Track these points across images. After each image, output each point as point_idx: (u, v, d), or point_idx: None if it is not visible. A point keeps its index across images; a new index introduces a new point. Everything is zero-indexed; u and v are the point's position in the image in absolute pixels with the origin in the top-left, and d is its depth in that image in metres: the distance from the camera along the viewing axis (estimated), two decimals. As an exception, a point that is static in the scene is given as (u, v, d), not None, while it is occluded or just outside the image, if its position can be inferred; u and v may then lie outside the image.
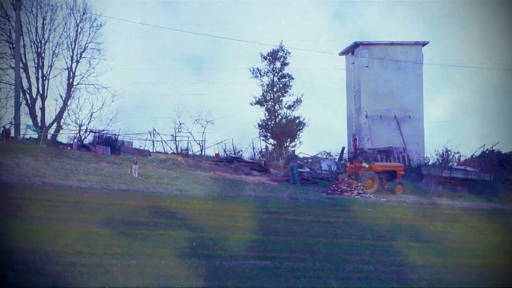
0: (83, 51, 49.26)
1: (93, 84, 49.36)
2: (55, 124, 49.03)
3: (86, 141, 47.30)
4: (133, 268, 17.99)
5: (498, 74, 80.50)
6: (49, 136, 47.26)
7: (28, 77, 48.24)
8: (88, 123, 49.01)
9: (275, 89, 57.84)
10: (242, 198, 31.44)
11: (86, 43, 49.34)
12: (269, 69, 57.89)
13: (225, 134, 67.67)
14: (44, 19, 48.56)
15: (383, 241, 25.04)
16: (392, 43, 55.07)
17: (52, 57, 48.86)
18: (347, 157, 50.47)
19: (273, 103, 57.87)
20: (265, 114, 57.89)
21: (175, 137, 51.95)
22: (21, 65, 46.82)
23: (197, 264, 19.18)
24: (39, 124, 47.77)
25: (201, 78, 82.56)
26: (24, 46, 47.90)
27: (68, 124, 49.14)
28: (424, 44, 55.27)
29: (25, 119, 47.38)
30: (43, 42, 48.54)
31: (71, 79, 49.22)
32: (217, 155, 47.51)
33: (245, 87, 77.56)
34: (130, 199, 27.92)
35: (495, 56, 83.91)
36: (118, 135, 48.56)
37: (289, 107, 57.82)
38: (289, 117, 57.67)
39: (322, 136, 74.15)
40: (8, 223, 21.09)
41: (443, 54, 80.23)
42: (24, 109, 47.57)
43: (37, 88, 48.43)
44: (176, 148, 51.14)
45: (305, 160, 47.49)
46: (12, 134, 43.60)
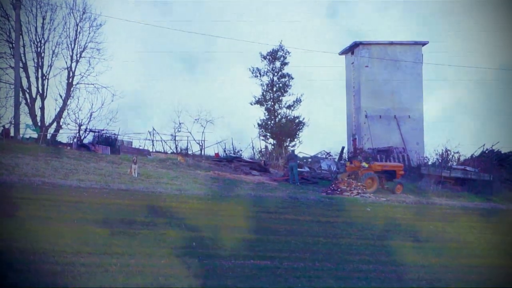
0: (83, 51, 49.24)
1: (93, 84, 49.34)
2: (55, 124, 49.00)
3: (86, 141, 47.28)
4: (133, 268, 17.96)
5: (498, 74, 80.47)
6: (49, 136, 47.22)
7: (28, 77, 48.20)
8: (88, 123, 48.98)
9: (275, 89, 57.83)
10: (242, 198, 31.43)
11: (86, 43, 49.33)
12: (269, 69, 57.90)
13: (225, 134, 67.68)
14: (44, 19, 48.54)
15: (383, 241, 25.02)
16: (392, 43, 55.06)
17: (52, 57, 48.87)
18: (347, 157, 50.46)
19: (273, 103, 57.87)
20: (265, 114, 57.92)
21: (175, 137, 51.94)
22: (21, 65, 46.78)
23: (197, 264, 19.16)
24: (39, 124, 47.73)
25: (201, 78, 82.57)
26: (24, 46, 47.87)
27: (68, 124, 49.13)
28: (424, 44, 55.26)
29: (25, 119, 47.38)
30: (43, 42, 48.53)
31: (71, 79, 49.18)
32: (217, 155, 47.49)
33: (245, 87, 77.54)
34: (130, 199, 27.91)
35: (495, 56, 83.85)
36: (118, 135, 48.57)
37: (289, 107, 57.83)
38: (289, 117, 57.67)
39: (322, 136, 74.22)
40: (8, 223, 21.07)
41: (443, 54, 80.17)
42: (24, 109, 47.58)
43: (37, 88, 48.44)
44: (176, 148, 51.12)
45: (305, 160, 47.46)
46: (12, 134, 43.56)
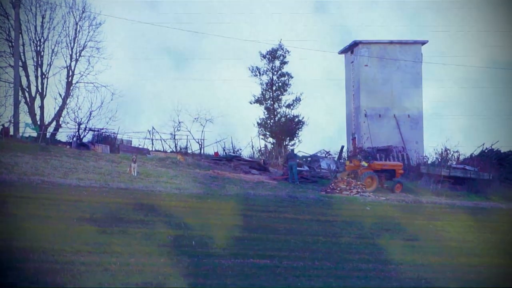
0: (82, 50, 49.16)
1: (92, 83, 49.27)
2: (54, 123, 48.94)
3: (85, 140, 47.27)
4: (132, 267, 17.97)
5: (498, 73, 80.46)
6: (48, 135, 47.19)
7: (27, 76, 48.16)
8: (87, 122, 48.88)
9: (274, 88, 57.79)
10: (241, 197, 31.44)
11: (85, 42, 49.24)
12: (268, 68, 57.84)
13: (224, 133, 67.55)
14: (43, 18, 48.47)
15: (382, 240, 25.03)
16: (392, 42, 55.02)
17: (51, 56, 48.80)
18: (346, 156, 50.46)
19: (272, 102, 57.83)
20: (264, 113, 57.86)
21: (174, 136, 51.91)
22: (20, 64, 46.74)
23: (196, 263, 19.17)
24: (38, 123, 47.70)
25: (200, 77, 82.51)
26: (23, 45, 47.82)
27: (67, 123, 49.06)
28: (424, 43, 55.22)
29: (24, 118, 47.31)
30: (42, 41, 48.45)
31: (70, 78, 49.13)
32: (216, 154, 47.49)
33: (245, 86, 77.53)
34: (129, 198, 27.90)
35: (495, 55, 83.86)
36: (117, 134, 48.55)
37: (288, 106, 57.77)
38: (288, 116, 57.62)
39: (321, 135, 74.20)
40: (7, 222, 21.08)
41: (443, 53, 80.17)
42: (23, 108, 47.51)
43: (36, 87, 48.37)
44: (175, 147, 51.10)
45: (304, 159, 47.45)
46: (11, 133, 43.54)
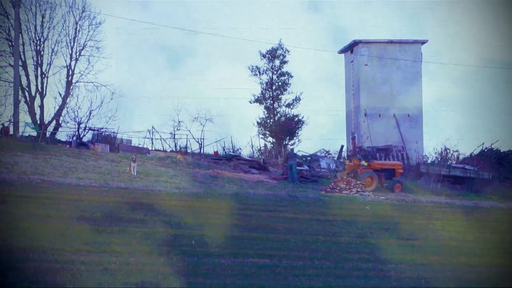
0: (82, 49, 49.20)
1: (92, 82, 49.29)
2: (54, 122, 48.97)
3: (85, 139, 47.29)
4: (132, 266, 17.97)
5: (498, 73, 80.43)
6: (48, 134, 47.22)
7: (27, 75, 48.18)
8: (87, 121, 48.92)
9: (274, 87, 57.82)
10: (241, 196, 31.45)
11: (85, 41, 49.27)
12: (268, 67, 57.87)
13: (224, 132, 67.57)
14: (43, 17, 48.50)
15: (382, 239, 25.03)
16: (391, 42, 55.04)
17: (51, 55, 48.83)
18: (346, 155, 50.48)
19: (272, 101, 57.86)
20: (264, 112, 57.90)
21: (174, 135, 51.94)
22: (20, 63, 46.74)
23: (196, 262, 19.18)
24: (38, 122, 47.72)
25: (200, 76, 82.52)
26: (23, 44, 47.83)
27: (67, 122, 49.09)
28: (423, 43, 55.26)
29: (24, 117, 47.33)
30: (42, 40, 48.48)
31: (70, 77, 49.15)
32: (216, 153, 47.51)
33: (244, 85, 77.53)
34: (129, 197, 27.91)
35: (495, 55, 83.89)
36: (117, 133, 48.59)
37: (288, 105, 57.82)
38: (288, 115, 57.65)
39: (321, 134, 74.20)
40: (7, 221, 21.08)
41: (442, 53, 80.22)
42: (23, 107, 47.54)
43: (36, 86, 48.40)
44: (175, 146, 51.14)
45: (304, 158, 47.47)
46: (11, 132, 43.56)
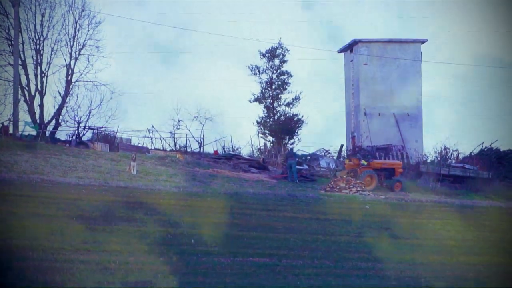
0: (82, 48, 49.15)
1: (92, 81, 49.26)
2: (54, 121, 48.96)
3: (85, 138, 47.29)
4: (132, 265, 17.96)
5: (497, 72, 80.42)
6: (48, 133, 47.20)
7: (27, 74, 48.14)
8: (87, 120, 48.92)
9: (274, 87, 57.81)
10: (241, 195, 31.45)
11: (85, 40, 49.22)
12: (268, 67, 57.85)
13: (224, 131, 67.56)
14: (43, 16, 48.46)
15: (382, 239, 25.03)
16: (391, 41, 55.02)
17: (51, 54, 48.79)
18: (346, 155, 50.50)
19: (272, 101, 57.85)
20: (264, 112, 57.90)
21: (174, 134, 51.94)
22: (20, 62, 46.70)
23: (196, 261, 19.17)
24: (38, 121, 47.69)
25: (200, 75, 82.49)
26: (23, 43, 47.80)
27: (67, 121, 49.08)
28: (423, 42, 55.24)
29: (24, 116, 47.30)
30: (42, 39, 48.43)
31: (70, 76, 49.12)
32: (216, 152, 47.52)
33: (244, 85, 77.50)
34: (129, 196, 27.91)
35: (495, 54, 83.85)
36: (117, 132, 48.59)
37: (288, 105, 57.81)
38: (288, 115, 57.64)
39: (321, 134, 74.16)
40: (7, 220, 21.07)
41: (442, 52, 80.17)
42: (23, 106, 47.50)
43: (36, 85, 48.35)
44: (175, 145, 51.14)
45: (304, 158, 47.47)
46: (11, 131, 43.54)
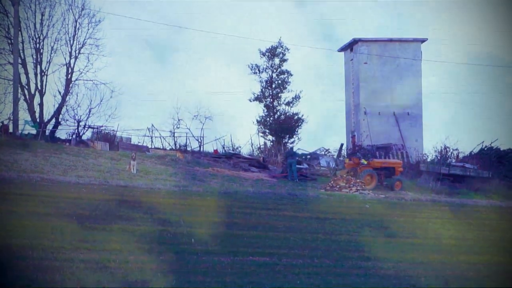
0: (82, 47, 49.18)
1: (92, 80, 49.29)
2: (54, 120, 48.97)
3: (85, 137, 47.33)
4: (132, 264, 17.95)
5: (498, 71, 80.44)
6: (48, 132, 47.21)
7: (27, 73, 48.15)
8: (87, 119, 48.95)
9: (274, 86, 57.81)
10: (241, 194, 31.44)
11: (85, 39, 49.25)
12: (268, 66, 57.85)
13: (224, 130, 67.71)
14: (43, 15, 48.47)
15: (382, 238, 25.02)
16: (391, 40, 55.04)
17: (51, 53, 48.82)
18: (346, 154, 50.51)
19: (272, 100, 57.85)
20: (264, 111, 57.91)
21: (174, 133, 51.96)
22: (20, 61, 46.68)
23: (196, 260, 19.16)
24: (38, 120, 47.70)
25: (200, 74, 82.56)
26: (23, 42, 47.79)
27: (67, 120, 49.12)
28: (423, 41, 55.25)
29: (24, 115, 47.33)
30: (42, 38, 48.44)
31: (70, 75, 49.14)
32: (216, 151, 47.53)
33: (244, 84, 77.53)
34: (129, 195, 27.90)
35: (495, 53, 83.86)
36: (117, 131, 48.62)
37: (288, 104, 57.83)
38: (288, 114, 57.64)
39: (321, 133, 74.20)
40: (7, 219, 21.06)
41: (442, 51, 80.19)
42: (23, 105, 47.52)
43: (36, 84, 48.36)
44: (175, 144, 51.16)
45: (304, 157, 47.47)
46: (11, 130, 43.54)
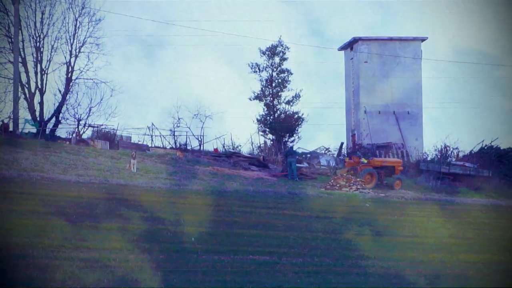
0: (82, 46, 49.19)
1: (92, 79, 49.32)
2: (54, 119, 48.99)
3: (85, 136, 47.34)
4: (132, 263, 17.96)
5: (498, 70, 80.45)
6: (48, 131, 47.22)
7: (27, 72, 48.16)
8: (87, 118, 49.00)
9: (274, 84, 57.78)
10: (241, 193, 31.45)
11: (85, 38, 49.27)
12: (268, 64, 57.82)
13: (224, 129, 67.72)
14: (43, 14, 48.48)
15: (382, 237, 25.04)
16: (391, 39, 55.03)
17: (51, 52, 48.84)
18: (346, 153, 50.50)
19: (272, 98, 57.83)
20: (264, 109, 57.87)
21: (174, 132, 51.97)
22: (20, 60, 46.70)
23: (196, 259, 19.17)
24: (38, 119, 47.72)
25: (200, 73, 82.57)
26: (23, 41, 47.80)
27: (67, 119, 49.17)
28: (423, 40, 55.24)
29: (24, 114, 47.37)
30: (42, 37, 48.46)
31: (70, 74, 49.14)
32: (216, 150, 47.52)
33: (244, 82, 77.52)
34: (129, 194, 27.91)
35: (494, 52, 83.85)
36: (117, 130, 48.62)
37: (288, 102, 57.79)
38: (288, 112, 57.63)
39: (321, 132, 74.26)
40: (7, 218, 21.07)
41: (442, 50, 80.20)
42: (23, 104, 47.55)
43: (36, 83, 48.39)
44: (175, 143, 51.16)
45: (304, 155, 47.48)
46: (11, 129, 43.57)
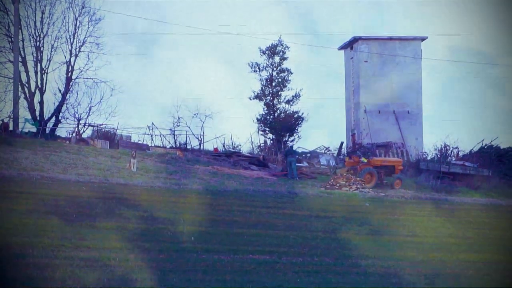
0: (82, 45, 49.25)
1: (92, 78, 49.36)
2: (54, 118, 49.01)
3: (85, 135, 47.35)
4: (131, 262, 17.97)
5: (498, 70, 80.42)
6: (48, 130, 47.24)
7: (27, 71, 48.20)
8: (87, 117, 49.02)
9: (274, 84, 57.76)
10: (241, 193, 31.45)
11: (85, 37, 49.35)
12: (268, 64, 57.80)
13: (224, 129, 67.75)
14: (43, 13, 48.52)
15: (382, 236, 25.04)
16: (391, 38, 55.03)
17: (51, 51, 48.90)
18: (346, 152, 50.50)
19: (272, 98, 57.81)
20: (264, 109, 57.85)
21: (174, 132, 51.97)
22: (20, 59, 46.73)
23: (195, 258, 19.17)
24: (38, 118, 47.75)
25: (200, 73, 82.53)
26: (23, 40, 47.84)
27: (67, 118, 49.22)
28: (423, 39, 55.23)
29: (24, 113, 47.42)
30: (42, 36, 48.51)
31: (70, 73, 49.18)
32: (216, 150, 47.51)
33: (244, 82, 77.51)
34: (129, 193, 27.92)
35: (495, 52, 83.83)
36: (117, 129, 48.62)
37: (288, 102, 57.76)
38: (288, 112, 57.61)
39: (321, 131, 74.24)
40: (7, 217, 21.08)
41: (442, 49, 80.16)
42: (23, 103, 47.61)
43: (36, 82, 48.43)
44: (175, 142, 51.16)
45: (304, 155, 47.47)
46: (11, 128, 43.59)
